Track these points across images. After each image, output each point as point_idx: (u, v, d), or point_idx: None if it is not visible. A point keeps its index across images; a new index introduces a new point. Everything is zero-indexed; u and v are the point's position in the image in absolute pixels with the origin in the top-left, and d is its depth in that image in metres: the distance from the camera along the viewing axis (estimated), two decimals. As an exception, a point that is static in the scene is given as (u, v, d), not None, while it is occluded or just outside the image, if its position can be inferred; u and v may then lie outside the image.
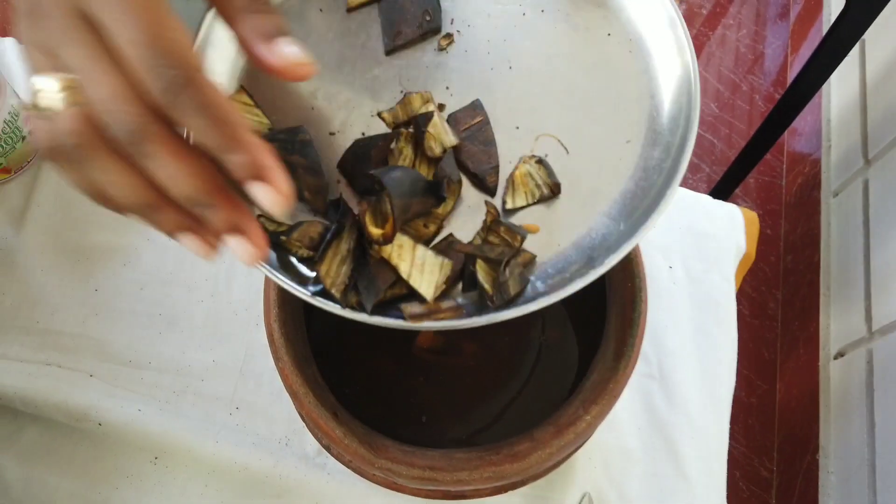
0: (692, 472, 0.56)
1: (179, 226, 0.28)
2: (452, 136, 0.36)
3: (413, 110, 0.37)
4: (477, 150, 0.37)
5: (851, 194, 1.13)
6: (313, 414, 0.42)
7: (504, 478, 0.42)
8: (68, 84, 0.25)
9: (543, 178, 0.36)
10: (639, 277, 0.45)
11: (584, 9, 0.40)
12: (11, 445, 0.53)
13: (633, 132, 0.37)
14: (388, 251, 0.34)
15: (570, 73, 0.38)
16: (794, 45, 1.50)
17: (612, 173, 0.36)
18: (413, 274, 0.33)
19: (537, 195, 0.36)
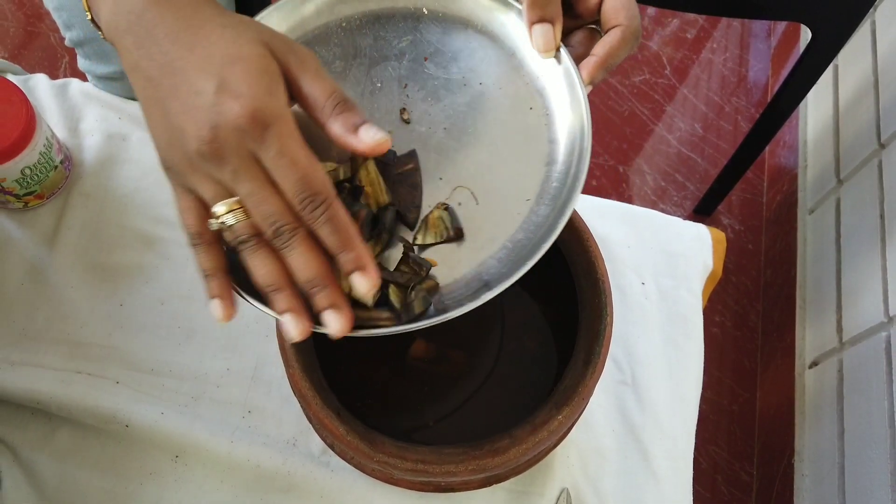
0: (661, 471, 0.62)
1: (289, 307, 0.39)
2: (387, 196, 0.45)
3: (357, 165, 0.45)
4: (405, 191, 0.45)
5: (825, 212, 1.20)
6: (319, 414, 0.48)
7: (486, 470, 0.48)
8: (236, 205, 0.38)
9: (450, 223, 0.44)
10: (604, 293, 0.51)
11: (514, 85, 0.47)
12: (46, 445, 0.59)
13: (532, 192, 0.45)
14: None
15: (494, 136, 0.46)
16: (775, 68, 1.57)
17: (508, 224, 0.44)
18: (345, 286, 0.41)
19: (444, 236, 0.44)
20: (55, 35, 1.44)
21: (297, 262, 0.38)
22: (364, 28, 0.49)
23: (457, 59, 0.48)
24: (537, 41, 0.45)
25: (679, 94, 1.54)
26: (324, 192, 0.37)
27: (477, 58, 0.48)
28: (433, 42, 0.49)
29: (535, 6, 0.44)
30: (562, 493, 0.60)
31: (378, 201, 0.45)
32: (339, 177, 0.45)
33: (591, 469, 0.61)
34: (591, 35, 0.48)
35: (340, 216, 0.38)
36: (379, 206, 0.45)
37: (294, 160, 0.37)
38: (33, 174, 0.63)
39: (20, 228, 0.66)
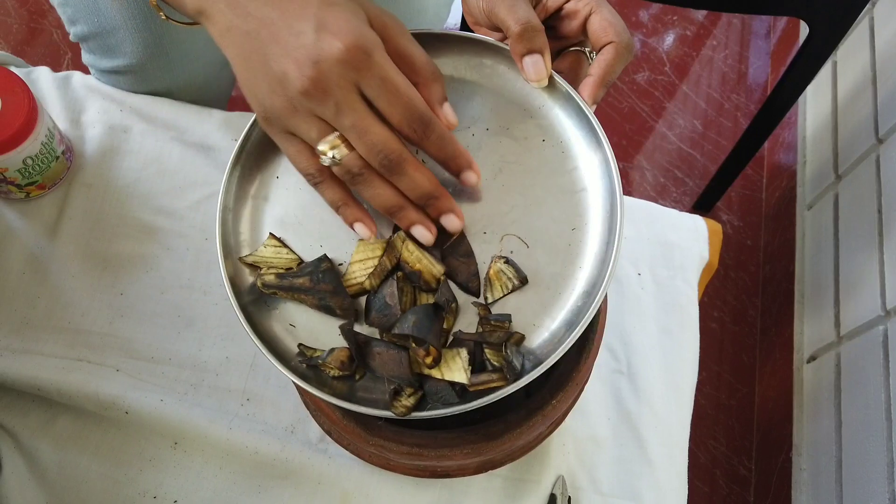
0: (656, 458, 0.62)
1: (413, 220, 0.43)
2: (439, 266, 0.45)
3: (397, 251, 0.45)
4: (459, 262, 0.46)
5: (823, 207, 1.20)
6: (316, 399, 0.49)
7: (481, 454, 0.49)
8: (338, 141, 0.40)
9: (512, 273, 0.45)
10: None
11: (520, 122, 0.48)
12: (47, 432, 0.59)
13: (575, 220, 0.45)
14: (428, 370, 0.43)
15: (519, 177, 0.47)
16: (774, 66, 1.57)
17: (566, 258, 0.45)
18: (444, 373, 0.43)
19: (510, 287, 0.45)
20: (58, 31, 1.45)
21: (411, 183, 0.42)
22: None
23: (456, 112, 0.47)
24: (529, 72, 0.46)
25: (679, 91, 1.54)
26: (427, 112, 0.40)
27: (474, 105, 0.49)
28: None
29: (522, 39, 0.44)
30: (557, 480, 0.61)
31: (434, 275, 0.45)
32: (388, 267, 0.45)
33: (586, 456, 0.62)
34: (577, 58, 0.49)
35: (444, 131, 0.42)
36: (436, 279, 0.45)
37: (397, 86, 0.39)
38: (35, 164, 0.64)
39: (22, 218, 0.67)
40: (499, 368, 0.43)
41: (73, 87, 0.73)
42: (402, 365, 0.43)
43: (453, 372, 0.43)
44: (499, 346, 0.43)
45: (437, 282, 0.45)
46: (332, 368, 0.44)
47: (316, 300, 0.45)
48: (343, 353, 0.44)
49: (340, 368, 0.44)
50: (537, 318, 0.44)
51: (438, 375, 0.43)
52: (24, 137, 0.61)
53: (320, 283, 0.45)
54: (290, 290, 0.45)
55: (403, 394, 0.43)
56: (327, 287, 0.45)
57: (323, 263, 0.45)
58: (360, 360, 0.44)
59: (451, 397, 0.43)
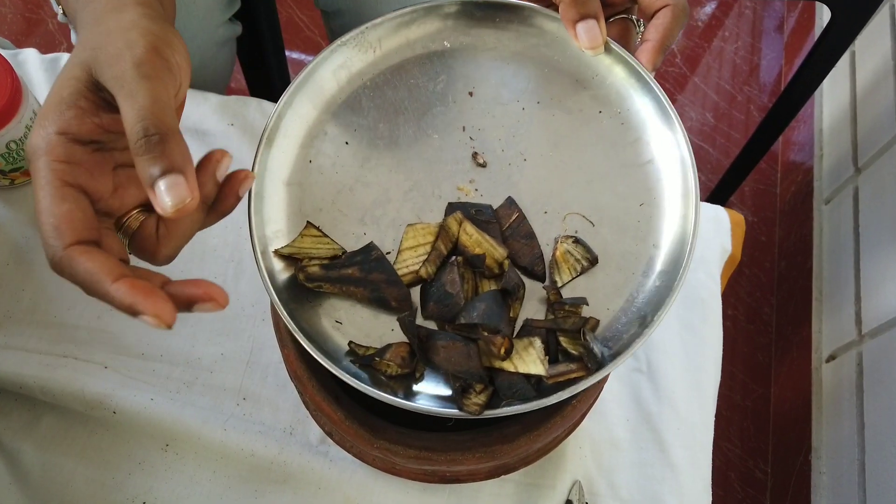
0: (678, 462, 0.59)
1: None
2: (502, 248, 0.41)
3: (453, 234, 0.42)
4: (521, 245, 0.42)
5: (842, 202, 1.16)
6: (316, 398, 0.45)
7: (495, 458, 0.45)
8: None
9: (581, 253, 0.41)
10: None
11: (572, 94, 0.44)
12: (30, 432, 0.56)
13: (643, 195, 0.42)
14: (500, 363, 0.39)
15: (577, 152, 0.43)
16: (788, 57, 1.53)
17: (635, 234, 0.41)
18: (518, 365, 0.39)
19: (579, 269, 0.41)
20: (54, 21, 1.42)
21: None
22: (392, 81, 0.46)
23: (503, 86, 0.45)
24: (583, 39, 0.42)
25: (690, 83, 1.51)
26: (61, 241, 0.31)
27: (522, 78, 0.45)
28: (470, 74, 0.45)
29: (575, 4, 0.41)
30: (574, 486, 0.57)
31: (496, 259, 0.41)
32: (444, 252, 0.41)
33: (604, 460, 0.58)
34: (625, 25, 0.46)
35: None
36: (499, 263, 0.41)
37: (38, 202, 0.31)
38: (20, 149, 0.60)
39: (6, 206, 0.63)
40: (577, 357, 0.39)
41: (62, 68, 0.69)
42: (471, 358, 0.39)
43: (528, 363, 0.38)
44: (575, 333, 0.39)
45: (499, 266, 0.41)
46: (391, 366, 0.39)
47: (367, 292, 0.41)
48: (402, 348, 0.40)
49: (400, 366, 0.39)
50: (611, 301, 0.41)
51: (512, 368, 0.38)
52: (7, 120, 0.58)
53: (372, 272, 0.41)
54: (338, 281, 0.41)
55: (473, 390, 0.39)
56: (380, 277, 0.41)
57: (373, 252, 0.41)
58: (423, 355, 0.40)
59: (527, 391, 0.38)
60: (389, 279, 0.41)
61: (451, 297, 0.40)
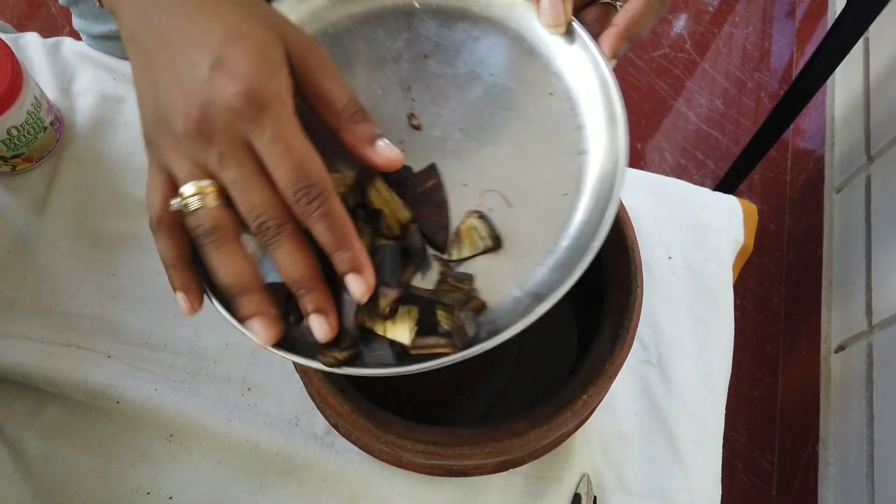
0: (688, 456, 0.58)
1: (257, 311, 0.35)
2: (406, 210, 0.39)
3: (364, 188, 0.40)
4: (429, 211, 0.40)
5: (854, 190, 1.15)
6: (322, 390, 0.44)
7: (504, 453, 0.44)
8: (209, 189, 0.34)
9: (487, 231, 0.39)
10: (634, 264, 0.47)
11: (528, 71, 0.43)
12: (33, 422, 0.55)
13: (569, 185, 0.40)
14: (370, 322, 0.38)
15: (516, 130, 0.42)
16: (800, 43, 1.51)
17: (549, 225, 0.39)
18: (388, 329, 0.37)
19: (481, 247, 0.39)
20: (55, 5, 1.40)
21: (284, 260, 0.35)
22: (352, 32, 0.44)
23: (460, 53, 0.43)
24: (545, 15, 0.41)
25: (700, 69, 1.49)
26: (321, 183, 0.34)
27: (482, 48, 0.43)
28: (431, 37, 0.44)
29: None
30: (582, 479, 0.56)
31: (399, 219, 0.40)
32: (350, 204, 0.40)
33: (613, 454, 0.57)
34: (606, 11, 0.43)
35: (337, 210, 0.34)
36: (401, 225, 0.40)
37: (290, 147, 0.33)
38: (21, 135, 0.59)
39: (7, 193, 0.62)
40: (448, 333, 0.37)
41: (64, 53, 0.68)
42: (347, 314, 0.37)
43: (397, 329, 0.37)
44: (452, 309, 0.38)
45: (401, 227, 0.40)
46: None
47: None
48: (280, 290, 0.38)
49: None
50: (505, 285, 0.39)
51: (381, 331, 0.37)
52: (8, 105, 0.57)
53: None
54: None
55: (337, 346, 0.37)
56: None
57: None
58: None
59: (387, 357, 0.37)
60: None
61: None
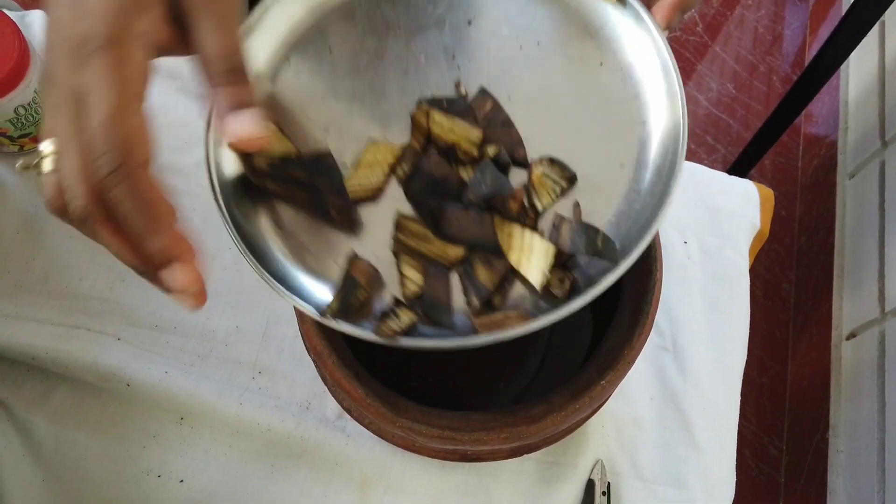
0: (703, 443, 0.57)
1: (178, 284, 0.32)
2: (477, 130, 0.38)
3: (424, 128, 0.39)
4: (499, 132, 0.39)
5: (867, 176, 1.13)
6: (336, 374, 0.43)
7: (520, 438, 0.43)
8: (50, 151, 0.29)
9: (559, 173, 0.39)
10: (653, 248, 0.46)
11: (577, 40, 0.41)
12: (43, 405, 0.55)
13: (626, 156, 0.39)
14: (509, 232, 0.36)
15: (566, 101, 0.40)
16: (813, 27, 1.49)
17: (606, 196, 0.38)
18: (522, 260, 0.36)
19: (559, 190, 0.38)
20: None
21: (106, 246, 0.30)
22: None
23: (506, 20, 0.42)
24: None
25: (711, 52, 1.47)
26: (125, 149, 0.27)
27: (527, 16, 0.42)
28: (474, 4, 0.42)
29: None
30: (596, 465, 0.56)
31: (472, 140, 0.38)
32: (417, 149, 0.39)
33: (627, 439, 0.57)
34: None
35: (145, 186, 0.28)
36: (477, 146, 0.38)
37: (104, 99, 0.27)
38: (28, 114, 0.58)
39: (15, 174, 0.61)
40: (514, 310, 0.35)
41: (71, 31, 0.67)
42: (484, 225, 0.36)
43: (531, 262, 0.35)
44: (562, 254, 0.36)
45: (477, 149, 0.38)
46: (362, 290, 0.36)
47: (308, 196, 0.38)
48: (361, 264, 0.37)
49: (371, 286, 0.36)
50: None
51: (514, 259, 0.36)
52: (15, 84, 0.56)
53: (319, 178, 0.38)
54: (282, 180, 0.38)
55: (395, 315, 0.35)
56: (326, 184, 0.38)
57: (326, 160, 0.39)
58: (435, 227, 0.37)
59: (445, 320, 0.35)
60: (335, 188, 0.38)
61: (444, 180, 0.38)
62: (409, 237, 0.37)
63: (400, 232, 0.38)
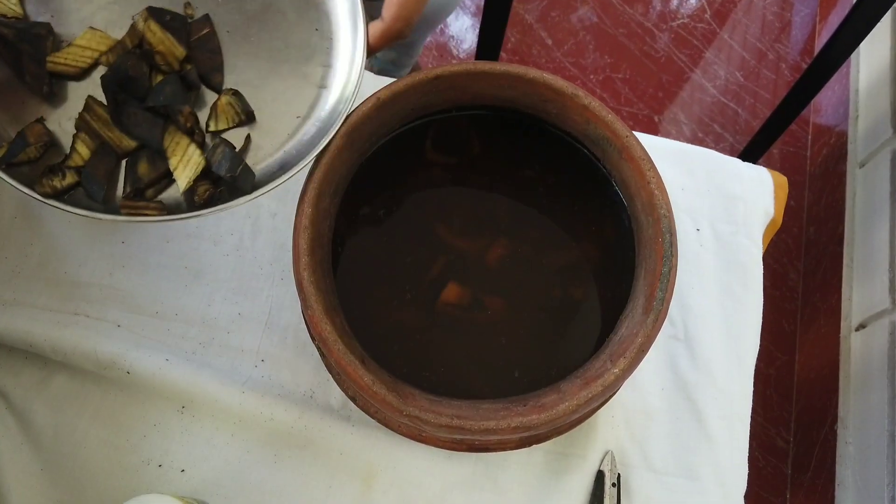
0: (715, 433, 0.56)
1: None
2: (182, 48, 0.45)
3: (140, 32, 0.45)
4: (204, 56, 0.46)
5: (878, 165, 1.12)
6: (342, 361, 0.42)
7: (530, 428, 0.42)
8: None
9: (241, 106, 0.45)
10: (670, 232, 0.44)
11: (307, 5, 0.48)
12: (41, 392, 0.54)
13: (303, 111, 0.47)
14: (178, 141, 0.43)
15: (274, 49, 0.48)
16: (822, 13, 1.47)
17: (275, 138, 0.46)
18: (179, 165, 0.43)
19: (236, 120, 0.46)
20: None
21: None
22: None
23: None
24: None
25: (719, 39, 1.45)
26: None
27: None
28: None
29: None
30: (606, 456, 0.54)
31: (175, 56, 0.45)
32: (128, 46, 0.45)
33: (638, 430, 0.56)
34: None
35: None
36: (178, 61, 0.45)
37: None
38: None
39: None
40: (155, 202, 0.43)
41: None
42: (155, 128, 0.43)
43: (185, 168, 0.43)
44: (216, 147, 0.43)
45: (179, 63, 0.45)
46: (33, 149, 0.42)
47: (9, 55, 0.43)
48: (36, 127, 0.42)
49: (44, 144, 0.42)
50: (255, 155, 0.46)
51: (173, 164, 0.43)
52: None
53: (24, 43, 0.42)
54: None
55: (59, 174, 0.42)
56: (29, 49, 0.42)
57: (41, 29, 0.43)
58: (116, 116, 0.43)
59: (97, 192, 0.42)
60: (36, 56, 0.43)
61: (135, 79, 0.43)
62: (94, 119, 0.43)
63: (87, 112, 0.43)
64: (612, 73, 1.39)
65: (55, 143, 0.43)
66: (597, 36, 1.42)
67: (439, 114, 0.52)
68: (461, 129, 0.54)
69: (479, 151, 0.54)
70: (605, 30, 1.43)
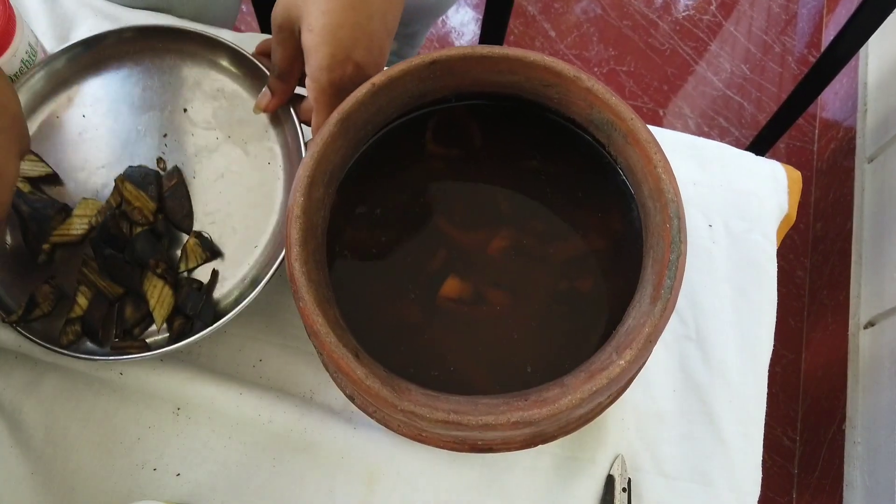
0: (729, 437, 0.54)
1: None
2: (153, 203, 0.52)
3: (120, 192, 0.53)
4: (176, 204, 0.53)
5: (887, 160, 1.10)
6: (333, 354, 0.40)
7: (532, 424, 0.40)
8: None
9: (206, 246, 0.52)
10: (678, 217, 0.42)
11: (259, 142, 0.55)
12: (32, 393, 0.52)
13: (260, 240, 0.53)
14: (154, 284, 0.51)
15: (236, 187, 0.54)
16: (829, 5, 1.44)
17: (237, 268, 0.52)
18: (156, 305, 0.50)
19: (203, 257, 0.52)
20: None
21: None
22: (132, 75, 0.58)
23: (214, 113, 0.56)
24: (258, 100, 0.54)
25: (724, 31, 1.43)
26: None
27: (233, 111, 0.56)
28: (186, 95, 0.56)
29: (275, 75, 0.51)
30: (616, 460, 0.53)
31: (149, 209, 0.52)
32: (113, 205, 0.52)
33: (649, 433, 0.54)
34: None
35: None
36: (152, 213, 0.52)
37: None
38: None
39: (2, 149, 0.58)
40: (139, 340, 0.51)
41: (62, 0, 0.64)
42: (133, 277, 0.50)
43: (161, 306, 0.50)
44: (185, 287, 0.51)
45: (153, 215, 0.52)
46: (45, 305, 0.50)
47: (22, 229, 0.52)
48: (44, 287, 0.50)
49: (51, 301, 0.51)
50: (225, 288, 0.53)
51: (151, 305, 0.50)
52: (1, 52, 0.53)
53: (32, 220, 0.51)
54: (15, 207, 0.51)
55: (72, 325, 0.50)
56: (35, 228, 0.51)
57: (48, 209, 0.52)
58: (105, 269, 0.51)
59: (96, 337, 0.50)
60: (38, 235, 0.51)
61: (116, 236, 0.51)
62: (90, 272, 0.50)
63: (84, 267, 0.51)
64: (616, 65, 1.37)
65: (66, 295, 0.51)
66: (601, 28, 1.40)
67: (439, 102, 0.51)
68: (462, 121, 0.52)
69: (480, 143, 0.52)
70: (610, 21, 1.41)
